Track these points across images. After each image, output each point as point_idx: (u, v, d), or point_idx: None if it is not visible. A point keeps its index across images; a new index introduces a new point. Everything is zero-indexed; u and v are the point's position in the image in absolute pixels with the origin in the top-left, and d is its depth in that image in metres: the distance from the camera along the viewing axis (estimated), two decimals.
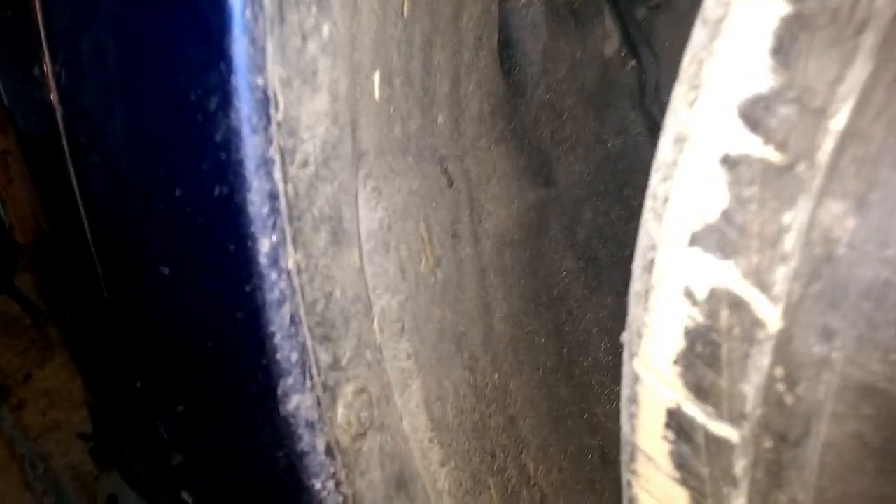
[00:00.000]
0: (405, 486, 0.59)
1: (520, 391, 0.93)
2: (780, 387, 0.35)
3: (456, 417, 0.70)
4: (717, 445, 0.39)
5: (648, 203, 0.41)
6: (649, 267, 0.39)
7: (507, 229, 0.95)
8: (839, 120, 0.31)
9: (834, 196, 0.32)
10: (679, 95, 0.38)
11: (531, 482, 0.90)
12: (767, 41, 0.32)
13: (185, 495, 0.60)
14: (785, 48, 0.31)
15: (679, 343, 0.38)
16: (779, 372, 0.35)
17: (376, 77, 0.58)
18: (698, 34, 0.37)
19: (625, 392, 0.44)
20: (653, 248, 0.39)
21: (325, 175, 0.47)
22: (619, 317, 0.62)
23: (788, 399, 0.35)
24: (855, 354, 0.33)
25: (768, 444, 0.36)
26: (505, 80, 0.96)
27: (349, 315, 0.52)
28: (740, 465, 0.38)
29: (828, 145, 0.32)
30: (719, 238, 0.35)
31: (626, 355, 0.43)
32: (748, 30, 0.33)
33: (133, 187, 0.48)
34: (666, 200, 0.38)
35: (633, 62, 1.03)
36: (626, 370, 0.43)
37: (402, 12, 0.61)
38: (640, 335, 0.41)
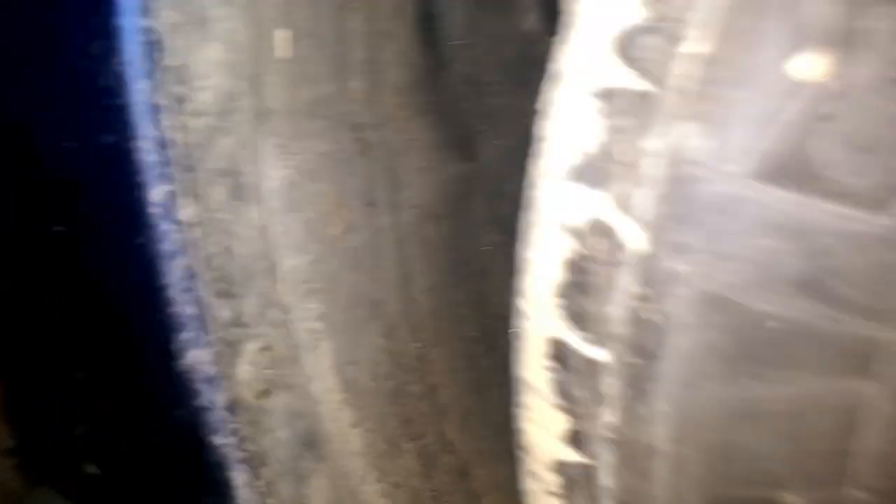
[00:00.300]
0: (315, 446, 0.59)
1: (441, 361, 0.94)
2: (643, 305, 0.37)
3: (371, 382, 0.71)
4: (591, 368, 0.41)
5: (534, 144, 0.42)
6: (531, 204, 0.41)
7: (428, 201, 0.95)
8: (690, 45, 0.33)
9: (685, 119, 0.34)
10: (559, 35, 0.39)
11: (451, 449, 0.91)
12: None
13: (90, 467, 0.58)
14: None
15: (558, 274, 0.40)
16: (642, 291, 0.37)
17: (282, 35, 0.57)
18: None
19: (514, 329, 0.45)
20: (534, 185, 0.41)
21: (223, 127, 0.47)
22: None
23: (650, 316, 0.37)
24: (706, 268, 0.35)
25: (633, 360, 0.39)
26: (426, 51, 0.96)
27: (251, 272, 0.51)
28: (609, 384, 0.40)
29: (680, 70, 0.34)
30: (594, 170, 0.37)
31: (514, 293, 0.44)
32: None
33: (20, 138, 0.47)
34: (546, 138, 0.40)
35: (553, 37, 1.04)
36: (514, 307, 0.45)
37: None
38: (524, 271, 0.42)
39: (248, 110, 0.50)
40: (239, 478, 0.51)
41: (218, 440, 0.49)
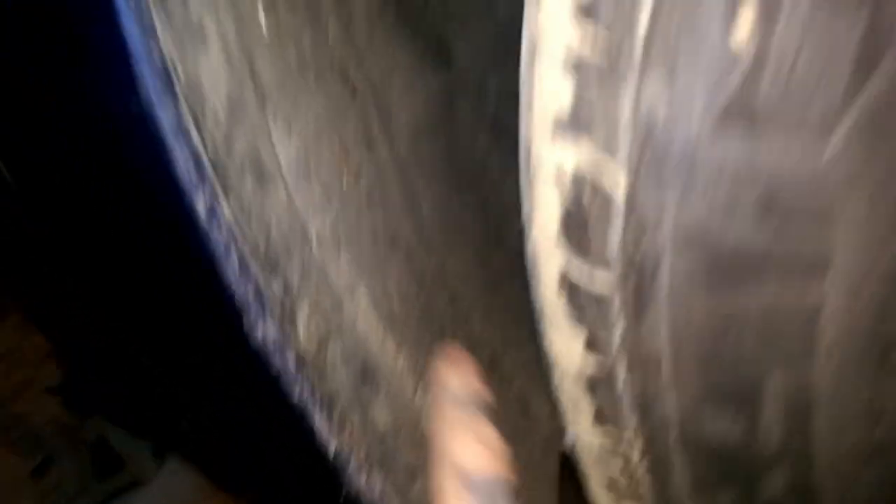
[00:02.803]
0: (370, 376, 0.67)
1: (456, 268, 1.01)
2: (636, 236, 0.43)
3: (403, 308, 0.78)
4: (597, 297, 0.48)
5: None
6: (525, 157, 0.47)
7: (417, 120, 0.98)
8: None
9: (651, 70, 0.38)
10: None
11: (480, 344, 1.01)
12: None
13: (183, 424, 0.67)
14: None
15: (557, 216, 0.46)
16: (634, 224, 0.43)
17: (260, 8, 0.59)
18: None
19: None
20: (525, 141, 0.46)
21: (237, 123, 0.50)
22: None
23: (643, 245, 0.43)
24: (682, 201, 0.41)
25: (632, 282, 0.45)
26: None
27: (290, 244, 0.57)
28: (615, 307, 0.47)
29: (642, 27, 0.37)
30: (575, 121, 0.42)
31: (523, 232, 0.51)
32: None
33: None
34: (531, 96, 0.44)
35: None
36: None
37: None
38: (529, 221, 0.48)
39: (251, 101, 0.53)
40: (317, 419, 0.59)
41: (295, 393, 0.57)
